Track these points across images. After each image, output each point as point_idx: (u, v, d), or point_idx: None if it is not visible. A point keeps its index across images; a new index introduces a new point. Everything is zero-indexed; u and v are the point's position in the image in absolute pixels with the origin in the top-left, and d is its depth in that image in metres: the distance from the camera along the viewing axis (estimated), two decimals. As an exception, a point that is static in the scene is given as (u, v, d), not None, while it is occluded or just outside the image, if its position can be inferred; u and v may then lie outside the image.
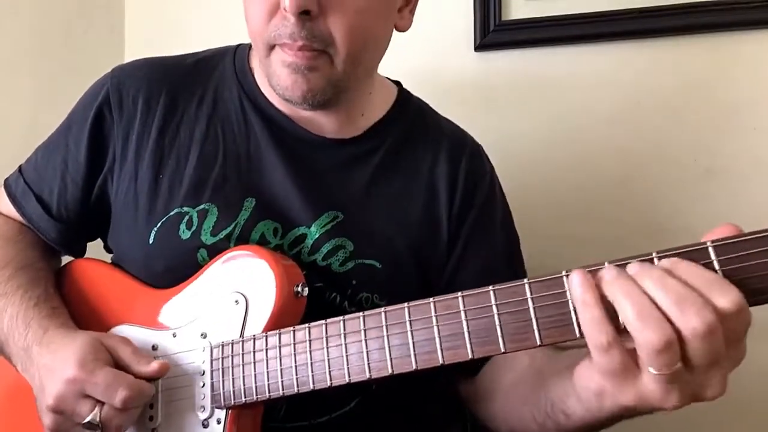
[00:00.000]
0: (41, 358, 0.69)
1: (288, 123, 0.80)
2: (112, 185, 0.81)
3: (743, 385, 1.08)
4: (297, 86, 0.72)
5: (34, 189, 0.83)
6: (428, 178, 0.83)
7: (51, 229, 0.83)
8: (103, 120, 0.81)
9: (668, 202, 1.13)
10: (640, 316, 0.46)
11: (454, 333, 0.57)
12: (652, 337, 0.45)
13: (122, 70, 0.84)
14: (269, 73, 0.74)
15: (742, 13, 1.08)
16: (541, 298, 0.54)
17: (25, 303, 0.74)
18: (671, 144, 1.13)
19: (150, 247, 0.76)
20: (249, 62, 0.84)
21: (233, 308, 0.69)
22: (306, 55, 0.71)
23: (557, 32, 1.17)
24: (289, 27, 0.69)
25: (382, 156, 0.82)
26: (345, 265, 0.77)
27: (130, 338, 0.73)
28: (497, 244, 0.85)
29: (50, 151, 0.84)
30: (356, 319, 0.62)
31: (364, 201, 0.80)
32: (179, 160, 0.79)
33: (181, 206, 0.76)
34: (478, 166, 0.87)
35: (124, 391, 0.64)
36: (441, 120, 0.91)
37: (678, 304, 0.45)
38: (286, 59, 0.71)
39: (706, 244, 0.49)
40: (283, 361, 0.65)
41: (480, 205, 0.84)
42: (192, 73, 0.84)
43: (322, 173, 0.80)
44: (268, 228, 0.76)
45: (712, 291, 0.46)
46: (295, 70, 0.71)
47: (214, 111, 0.81)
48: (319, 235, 0.77)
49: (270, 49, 0.73)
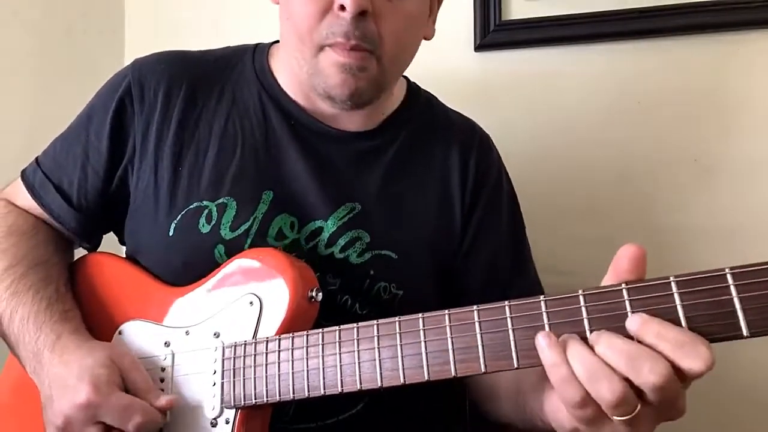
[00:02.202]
0: (52, 367, 0.68)
1: (306, 118, 0.82)
2: (132, 176, 0.81)
3: (745, 384, 1.08)
4: (346, 86, 0.74)
5: (53, 179, 0.83)
6: (441, 168, 0.85)
7: (71, 219, 0.83)
8: (125, 111, 0.81)
9: (668, 202, 1.13)
10: (591, 378, 0.49)
11: (467, 346, 0.57)
12: (605, 395, 0.48)
13: (143, 62, 0.84)
14: (315, 72, 0.75)
15: (742, 13, 1.08)
16: (555, 314, 0.54)
17: (37, 304, 0.74)
18: (671, 143, 1.13)
19: (170, 239, 0.77)
20: (268, 60, 0.85)
21: (247, 309, 0.70)
22: (358, 56, 0.72)
23: (557, 32, 1.17)
24: (344, 26, 0.71)
25: (397, 148, 0.84)
26: (362, 257, 0.78)
27: (142, 334, 0.74)
28: (504, 230, 0.87)
29: (69, 142, 0.84)
30: (370, 327, 0.62)
31: (381, 193, 0.81)
32: (198, 153, 0.79)
33: (201, 200, 0.77)
34: (487, 155, 0.90)
35: (138, 418, 0.64)
36: (448, 111, 0.93)
37: (630, 363, 0.48)
38: (338, 60, 0.73)
39: (725, 271, 0.49)
40: (295, 365, 0.65)
41: (489, 193, 0.86)
42: (212, 69, 0.84)
43: (339, 166, 0.81)
44: (285, 222, 0.77)
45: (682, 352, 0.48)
46: (346, 70, 0.73)
47: (233, 106, 0.82)
48: (336, 228, 0.78)
49: (319, 49, 0.74)
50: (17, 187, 0.86)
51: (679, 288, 0.50)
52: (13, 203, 0.86)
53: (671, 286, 0.50)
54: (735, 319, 0.48)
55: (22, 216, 0.84)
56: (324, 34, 0.72)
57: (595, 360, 0.49)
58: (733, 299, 0.48)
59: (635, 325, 0.50)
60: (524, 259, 0.88)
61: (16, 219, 0.83)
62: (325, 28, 0.72)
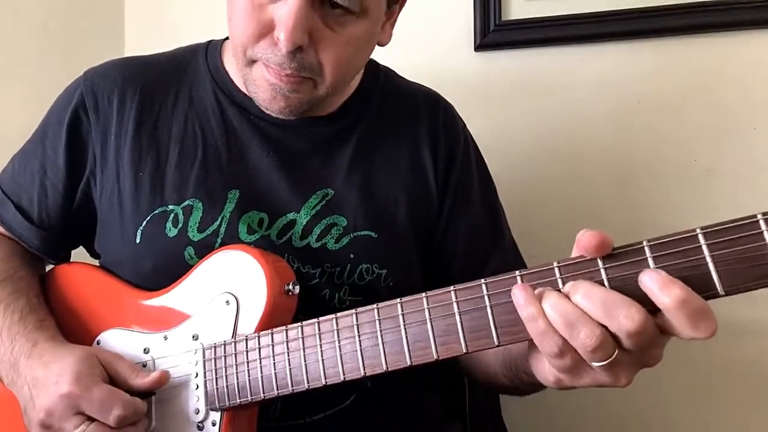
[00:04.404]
0: (31, 371, 0.67)
1: (264, 112, 0.79)
2: (96, 188, 0.80)
3: (749, 381, 1.08)
4: (275, 102, 0.73)
5: (12, 197, 0.82)
6: (410, 143, 0.84)
7: (33, 237, 0.82)
8: (80, 123, 0.80)
9: (668, 202, 1.13)
10: (569, 325, 0.50)
11: (447, 327, 0.57)
12: (583, 340, 0.49)
13: (94, 71, 0.83)
14: (247, 81, 0.74)
15: (742, 13, 1.08)
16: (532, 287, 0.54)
17: (9, 317, 0.73)
18: (671, 144, 1.13)
19: (137, 246, 0.76)
20: (221, 58, 0.84)
21: (224, 309, 0.69)
22: (291, 80, 0.70)
23: (557, 32, 1.17)
24: (279, 57, 0.69)
25: (361, 128, 0.82)
26: (340, 242, 0.76)
27: (121, 342, 0.72)
28: (478, 200, 0.86)
29: (27, 159, 0.83)
30: (349, 316, 0.62)
31: (351, 175, 0.80)
32: (159, 157, 0.78)
33: (165, 204, 0.76)
34: (454, 124, 0.88)
35: (118, 410, 0.63)
36: (409, 83, 0.91)
37: (606, 310, 0.49)
38: (269, 78, 0.71)
39: (696, 231, 0.50)
40: (276, 360, 0.65)
41: (460, 163, 0.85)
42: (165, 70, 0.83)
43: (305, 155, 0.79)
44: (252, 219, 0.76)
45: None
46: (277, 90, 0.71)
47: (190, 107, 0.81)
48: (309, 218, 0.77)
49: (252, 62, 0.72)
50: None
51: (652, 252, 0.51)
52: None
53: (645, 251, 0.51)
54: (710, 279, 0.49)
55: None
56: (259, 53, 0.70)
57: (571, 308, 0.50)
58: (705, 258, 0.49)
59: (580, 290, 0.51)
60: (500, 225, 0.88)
61: None
62: (260, 50, 0.70)
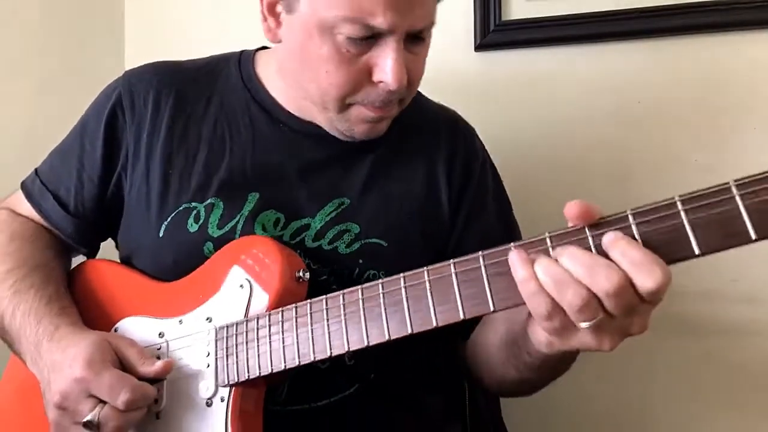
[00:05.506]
0: (50, 355, 0.71)
1: (295, 122, 0.84)
2: (126, 182, 0.85)
3: (746, 379, 1.08)
4: (371, 132, 0.80)
5: (50, 188, 0.88)
6: (428, 160, 0.87)
7: (68, 225, 0.87)
8: (117, 121, 0.85)
9: (668, 202, 1.13)
10: (557, 285, 0.53)
11: (445, 296, 0.60)
12: (570, 299, 0.53)
13: (133, 73, 0.89)
14: (336, 120, 0.79)
15: (742, 13, 1.08)
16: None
17: (38, 301, 0.77)
18: (671, 143, 1.13)
19: (159, 240, 0.80)
20: (254, 68, 0.88)
21: (238, 292, 0.72)
22: (389, 109, 0.77)
23: (557, 32, 1.17)
24: (382, 95, 0.75)
25: (384, 144, 0.85)
26: (351, 247, 0.80)
27: (137, 328, 0.77)
28: (492, 217, 0.89)
29: (65, 153, 0.89)
30: (355, 291, 0.65)
31: (368, 185, 0.83)
32: (188, 157, 0.83)
33: (189, 201, 0.81)
34: (472, 143, 0.92)
35: (126, 394, 0.65)
36: (431, 103, 0.95)
37: (588, 271, 0.53)
38: (368, 115, 0.77)
39: (675, 199, 0.54)
40: (285, 335, 0.67)
41: (476, 181, 0.89)
42: (199, 76, 0.88)
43: (326, 164, 0.83)
44: (269, 219, 0.80)
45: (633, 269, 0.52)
46: (374, 121, 0.78)
47: (220, 112, 0.85)
48: (323, 224, 0.80)
49: (348, 105, 0.77)
50: (18, 196, 0.91)
51: (635, 219, 0.54)
52: (15, 212, 0.91)
53: (629, 218, 0.55)
54: (687, 241, 0.52)
55: (25, 223, 0.89)
56: (358, 98, 0.75)
57: (560, 270, 0.54)
58: (683, 222, 0.52)
59: (607, 240, 0.54)
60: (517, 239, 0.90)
61: (19, 226, 0.88)
62: (360, 96, 0.75)
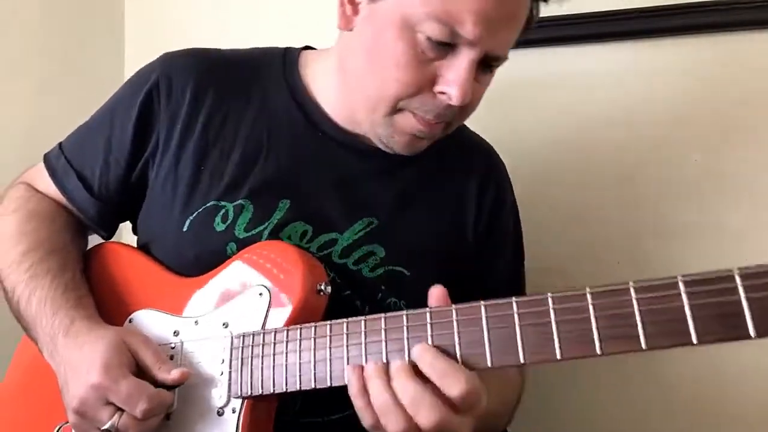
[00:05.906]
0: (67, 351, 0.70)
1: (335, 130, 0.82)
2: (153, 169, 0.82)
3: (743, 389, 1.08)
4: (410, 147, 0.77)
5: (75, 167, 0.84)
6: (458, 191, 0.86)
7: (91, 207, 0.84)
8: (151, 105, 0.82)
9: (668, 202, 1.13)
10: (381, 411, 0.58)
11: (474, 340, 0.58)
12: (390, 428, 0.57)
13: (172, 58, 0.85)
14: (381, 124, 0.75)
15: (742, 13, 1.08)
16: (562, 311, 0.54)
17: (54, 290, 0.75)
18: (672, 144, 1.13)
19: (183, 234, 0.78)
20: (299, 68, 0.85)
21: (257, 300, 0.70)
22: (436, 127, 0.74)
23: (557, 32, 1.16)
24: (439, 108, 0.71)
25: (418, 166, 0.83)
26: (375, 272, 0.78)
27: (152, 322, 0.75)
28: (509, 262, 0.89)
29: (94, 131, 0.85)
30: (377, 320, 0.62)
31: (398, 209, 0.81)
32: (222, 154, 0.80)
33: (218, 199, 0.78)
34: (505, 180, 0.92)
35: (144, 404, 0.64)
36: (469, 132, 0.93)
37: (412, 405, 0.56)
38: (415, 127, 0.73)
39: (733, 271, 0.49)
40: (302, 356, 0.65)
41: (503, 219, 0.88)
42: (241, 70, 0.84)
43: (361, 179, 0.81)
44: (296, 230, 0.77)
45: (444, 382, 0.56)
46: (418, 136, 0.75)
47: (260, 111, 0.82)
48: (351, 242, 0.78)
49: (398, 110, 0.73)
50: (38, 170, 0.87)
51: (686, 288, 0.50)
52: (33, 187, 0.87)
53: (679, 285, 0.51)
54: (742, 320, 0.48)
55: (43, 201, 0.85)
56: (414, 105, 0.72)
57: (388, 396, 0.57)
58: (740, 299, 0.48)
59: (414, 354, 0.58)
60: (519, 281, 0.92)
61: (37, 204, 0.85)
62: (416, 102, 0.72)
